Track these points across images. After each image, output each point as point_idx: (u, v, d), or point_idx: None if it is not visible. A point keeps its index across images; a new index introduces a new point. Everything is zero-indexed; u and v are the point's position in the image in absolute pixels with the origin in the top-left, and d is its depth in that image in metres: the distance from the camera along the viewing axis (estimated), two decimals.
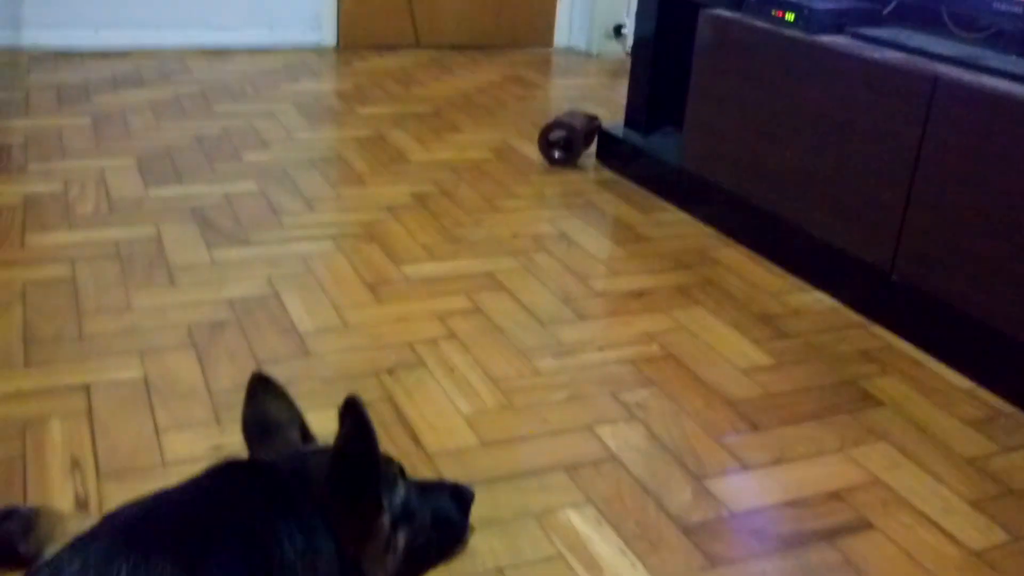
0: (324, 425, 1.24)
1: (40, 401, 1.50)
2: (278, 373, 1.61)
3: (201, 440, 1.43)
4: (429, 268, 2.07)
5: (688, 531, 1.31)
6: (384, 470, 1.15)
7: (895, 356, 1.83)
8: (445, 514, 1.22)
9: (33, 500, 1.28)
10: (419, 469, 1.39)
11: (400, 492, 1.15)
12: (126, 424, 1.46)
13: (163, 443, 1.42)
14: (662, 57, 2.70)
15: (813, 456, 1.50)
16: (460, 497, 1.25)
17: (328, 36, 4.11)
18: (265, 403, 1.20)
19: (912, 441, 1.55)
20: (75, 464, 1.36)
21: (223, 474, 1.05)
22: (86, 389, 1.54)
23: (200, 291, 1.90)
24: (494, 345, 1.76)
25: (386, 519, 1.10)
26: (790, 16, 2.14)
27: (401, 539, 1.14)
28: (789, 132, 2.15)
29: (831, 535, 1.32)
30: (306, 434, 1.20)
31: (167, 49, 3.82)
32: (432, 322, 1.83)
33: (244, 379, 1.59)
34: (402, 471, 1.19)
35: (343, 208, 2.39)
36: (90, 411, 1.48)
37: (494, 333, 1.80)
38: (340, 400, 1.58)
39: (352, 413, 1.05)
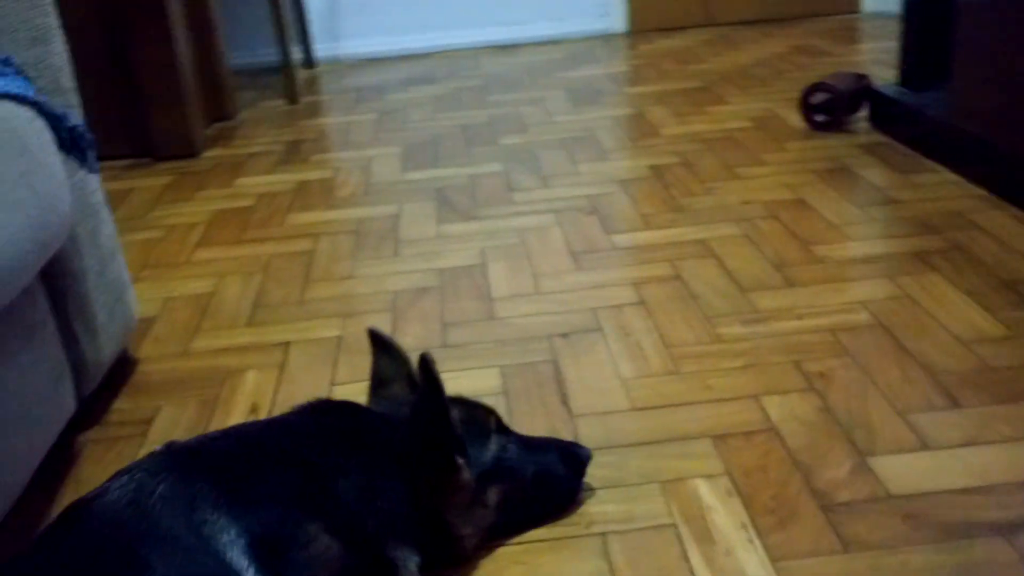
0: (481, 383, 1.27)
1: (246, 355, 1.67)
2: (459, 334, 1.68)
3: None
4: (641, 237, 2.01)
5: (829, 509, 1.15)
6: (482, 422, 1.15)
7: None
8: (552, 472, 1.18)
9: None
10: (558, 429, 1.36)
11: (492, 447, 1.13)
12: (309, 376, 1.58)
13: (332, 394, 1.52)
14: (941, 6, 2.39)
15: (1015, 440, 1.25)
16: (574, 457, 1.20)
17: (617, 23, 4.12)
18: (378, 358, 1.25)
19: None
20: (252, 409, 1.50)
21: (305, 410, 1.10)
22: (286, 346, 1.69)
23: (417, 262, 2.00)
24: (681, 311, 1.67)
25: (466, 474, 1.09)
26: None
27: (492, 494, 1.12)
28: None
29: (1010, 529, 1.10)
30: (415, 386, 1.23)
31: (461, 48, 4.06)
32: (624, 288, 1.78)
33: (428, 338, 1.67)
34: (499, 424, 1.17)
35: (576, 183, 2.39)
36: (283, 364, 1.62)
37: (685, 300, 1.71)
38: (506, 361, 1.59)
39: (424, 372, 1.05)
